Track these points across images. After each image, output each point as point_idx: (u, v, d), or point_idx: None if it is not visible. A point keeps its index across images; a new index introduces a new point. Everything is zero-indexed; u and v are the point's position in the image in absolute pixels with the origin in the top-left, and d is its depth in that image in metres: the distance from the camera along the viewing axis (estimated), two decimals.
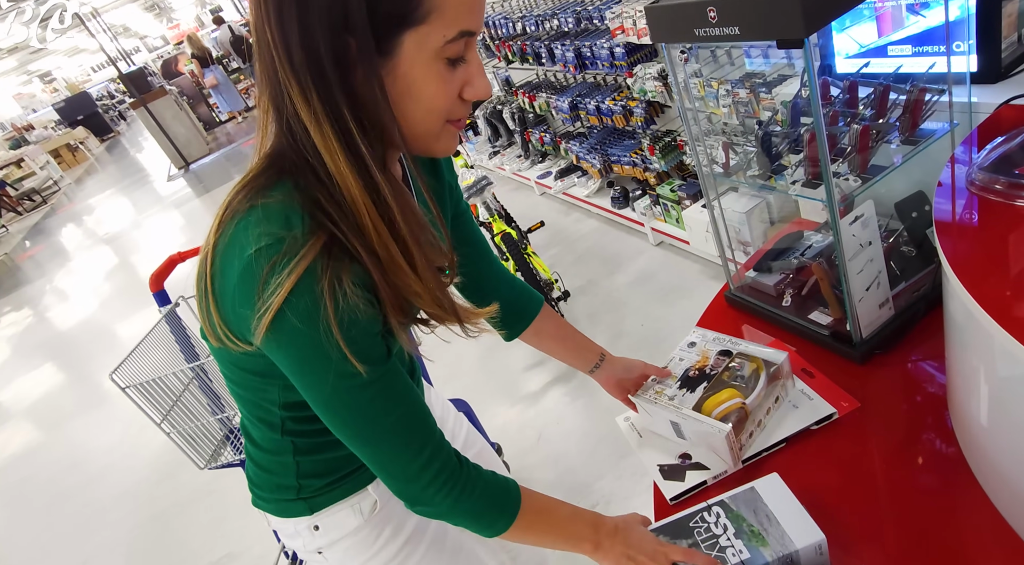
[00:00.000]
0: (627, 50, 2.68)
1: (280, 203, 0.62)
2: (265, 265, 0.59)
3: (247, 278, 0.60)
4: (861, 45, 1.16)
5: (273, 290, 0.59)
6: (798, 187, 1.04)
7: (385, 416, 0.68)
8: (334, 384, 0.65)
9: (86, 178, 13.34)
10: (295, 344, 0.62)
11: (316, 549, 0.89)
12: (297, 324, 0.60)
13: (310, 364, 0.64)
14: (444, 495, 0.72)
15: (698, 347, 1.11)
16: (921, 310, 1.02)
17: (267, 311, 0.59)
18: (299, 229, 0.60)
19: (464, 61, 0.64)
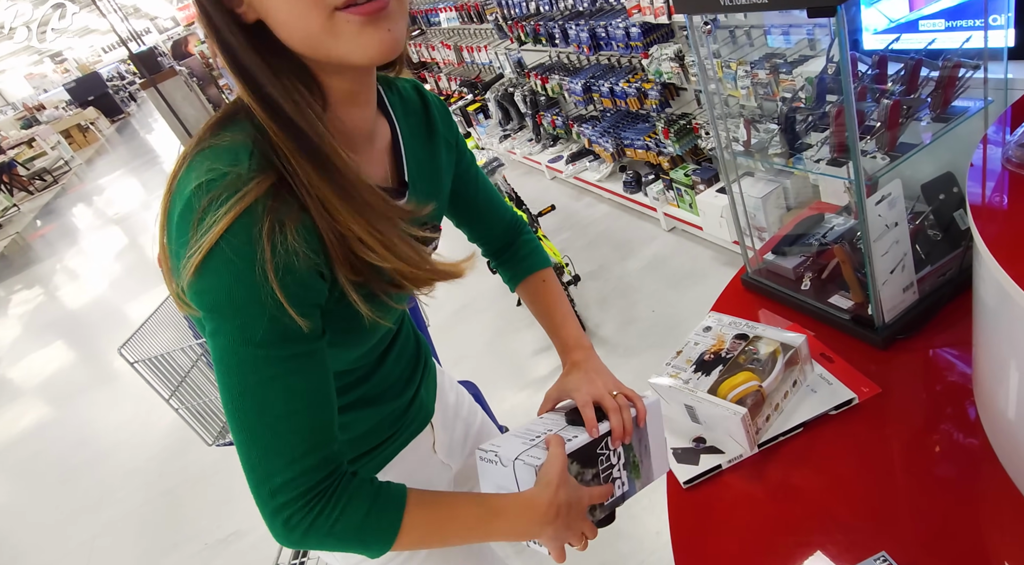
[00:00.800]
0: (643, 30, 2.63)
1: (231, 141, 0.58)
2: (205, 199, 0.54)
3: (185, 214, 0.55)
4: (891, 19, 1.12)
5: (207, 228, 0.53)
6: (822, 165, 1.00)
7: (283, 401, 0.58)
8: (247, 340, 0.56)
9: (96, 158, 13.39)
10: (216, 286, 0.55)
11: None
12: (226, 267, 0.54)
13: (228, 311, 0.55)
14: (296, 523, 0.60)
15: (713, 331, 1.08)
16: (947, 295, 0.99)
17: (197, 251, 0.53)
18: (245, 164, 0.56)
19: None
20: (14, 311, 6.18)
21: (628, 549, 1.71)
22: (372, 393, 0.83)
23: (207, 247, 0.53)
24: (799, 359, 0.96)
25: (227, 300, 0.55)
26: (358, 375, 0.80)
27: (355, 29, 0.55)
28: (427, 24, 5.22)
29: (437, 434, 0.95)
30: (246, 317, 0.56)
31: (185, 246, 0.55)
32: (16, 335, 5.54)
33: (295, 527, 0.60)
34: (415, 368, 0.92)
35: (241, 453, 0.60)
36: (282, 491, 0.59)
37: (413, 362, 0.92)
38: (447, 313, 2.99)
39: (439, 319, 2.85)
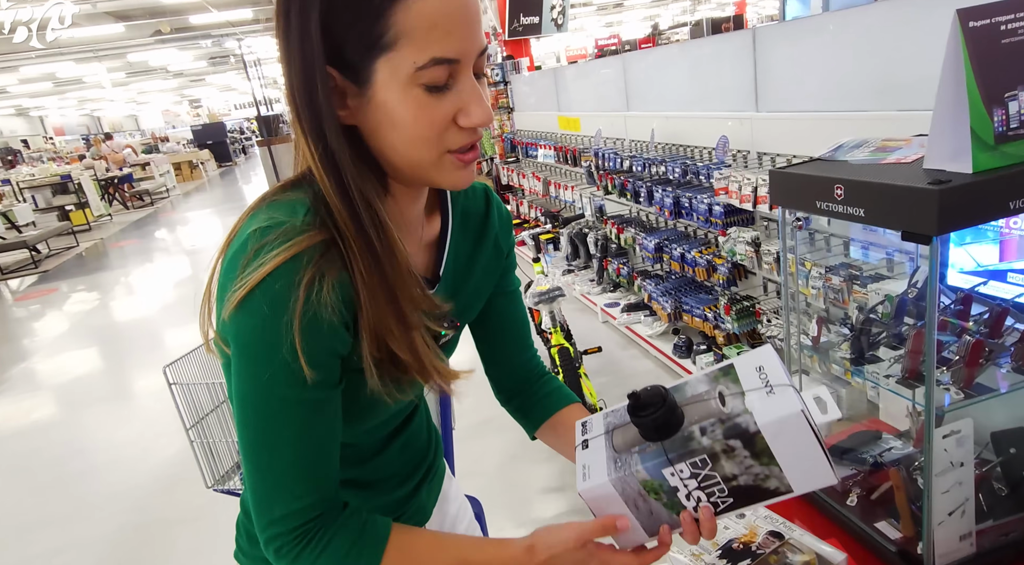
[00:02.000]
0: (726, 210, 2.75)
1: (291, 199, 0.64)
2: (258, 243, 0.59)
3: (238, 254, 0.60)
4: (979, 263, 1.15)
5: (255, 268, 0.58)
6: (891, 382, 0.99)
7: (295, 443, 0.63)
8: (268, 381, 0.60)
9: (194, 193, 14.46)
10: (250, 325, 0.59)
11: None
12: (263, 307, 0.58)
13: (256, 350, 0.60)
14: (285, 553, 0.65)
15: (747, 520, 1.03)
16: (1008, 558, 0.93)
17: (241, 287, 0.58)
18: (300, 217, 0.61)
19: (449, 88, 0.61)
20: (68, 308, 6.45)
21: None
22: (367, 478, 0.81)
23: (251, 285, 0.58)
24: None
25: (255, 339, 0.60)
26: (355, 455, 0.79)
27: (455, 167, 0.65)
28: (524, 155, 5.63)
29: None
30: (268, 358, 0.60)
31: (232, 282, 0.59)
32: (60, 332, 5.73)
33: (284, 556, 0.65)
34: (420, 465, 0.90)
35: (247, 478, 0.65)
36: (278, 523, 0.64)
37: (419, 459, 0.90)
38: (471, 422, 2.94)
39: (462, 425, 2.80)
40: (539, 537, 0.68)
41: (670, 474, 0.64)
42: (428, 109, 0.60)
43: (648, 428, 0.65)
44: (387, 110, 0.61)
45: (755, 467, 0.63)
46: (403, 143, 0.62)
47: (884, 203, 0.85)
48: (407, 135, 0.62)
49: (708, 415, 0.65)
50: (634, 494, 0.66)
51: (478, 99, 0.62)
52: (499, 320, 0.92)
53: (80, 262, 8.66)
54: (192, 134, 20.09)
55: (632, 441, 0.67)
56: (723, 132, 2.75)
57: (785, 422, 0.60)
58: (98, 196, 11.47)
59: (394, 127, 0.61)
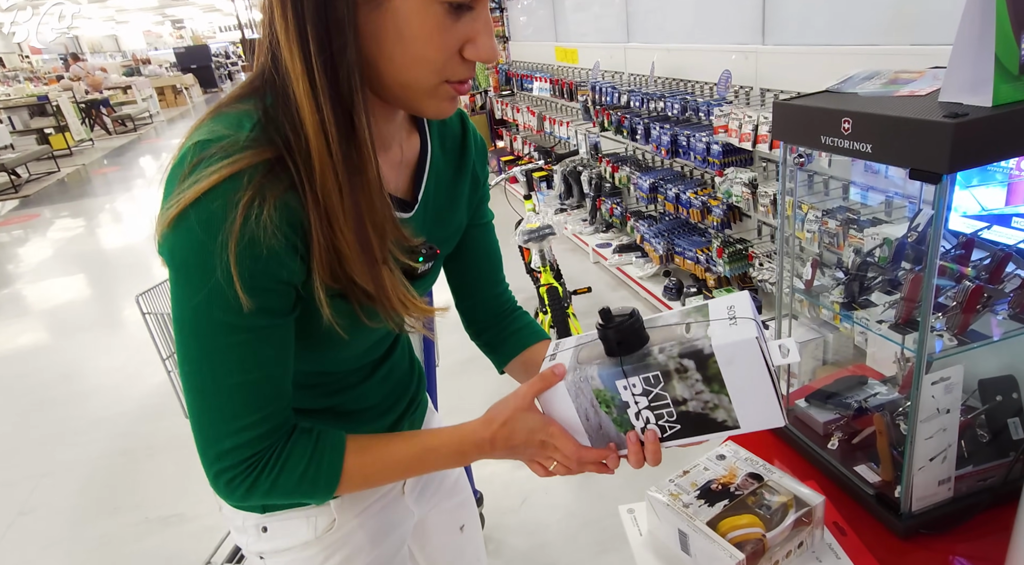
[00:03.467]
0: (724, 150, 2.67)
1: (238, 110, 0.58)
2: (196, 157, 0.54)
3: (176, 169, 0.55)
4: (984, 208, 1.10)
5: (190, 185, 0.53)
6: (883, 328, 0.97)
7: (239, 371, 0.58)
8: (203, 305, 0.55)
9: (179, 120, 14.01)
10: (183, 245, 0.55)
11: (258, 553, 0.81)
12: (196, 227, 0.53)
13: (189, 272, 0.55)
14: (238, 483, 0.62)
15: (727, 462, 1.03)
16: (984, 502, 0.92)
17: (175, 204, 0.53)
18: (245, 132, 0.56)
19: (471, 11, 0.57)
20: (52, 235, 6.34)
21: None
22: (346, 408, 0.80)
23: (184, 203, 0.53)
24: (812, 520, 0.90)
25: (188, 261, 0.55)
26: (334, 384, 0.78)
27: (446, 97, 0.61)
28: (520, 88, 5.43)
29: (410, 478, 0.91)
30: (202, 282, 0.55)
31: (168, 198, 0.55)
32: (44, 257, 5.65)
33: (236, 488, 0.62)
34: (402, 397, 0.89)
35: (191, 413, 0.61)
36: (227, 456, 0.61)
37: (401, 390, 0.88)
38: (457, 359, 2.94)
39: (447, 363, 2.80)
40: (492, 409, 0.70)
41: (623, 387, 0.66)
42: (444, 31, 0.56)
43: (611, 341, 0.66)
44: (399, 19, 0.55)
45: (705, 393, 0.65)
46: (404, 59, 0.57)
47: (893, 138, 0.80)
48: (412, 52, 0.56)
49: (670, 339, 0.65)
50: (586, 403, 0.69)
51: (490, 31, 0.58)
52: (472, 252, 0.88)
53: (62, 188, 8.46)
54: (175, 57, 19.27)
55: (596, 356, 0.69)
56: (726, 66, 2.63)
57: (738, 347, 0.61)
58: (78, 119, 11.08)
59: (400, 40, 0.56)
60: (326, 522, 0.80)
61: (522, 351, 0.90)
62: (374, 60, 0.57)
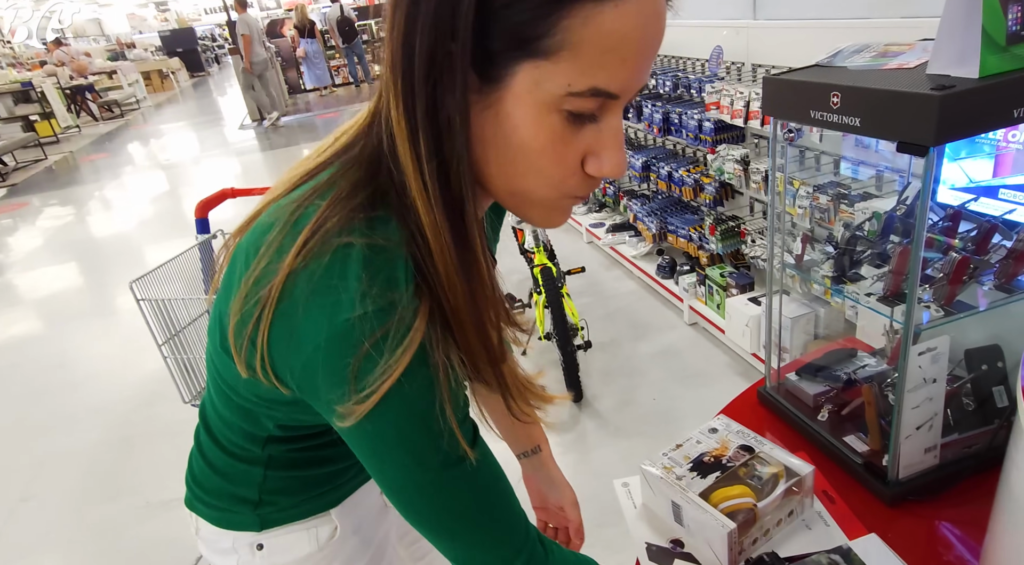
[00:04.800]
0: (716, 127, 2.67)
1: (386, 249, 0.49)
2: (368, 337, 0.47)
3: (341, 349, 0.47)
4: (971, 179, 1.11)
5: (382, 372, 0.47)
6: (871, 300, 0.98)
7: (478, 507, 0.56)
8: (438, 472, 0.53)
9: (166, 105, 13.83)
10: (399, 427, 0.50)
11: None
12: (408, 406, 0.49)
13: (414, 450, 0.51)
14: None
15: (719, 435, 1.04)
16: (968, 469, 0.95)
17: (372, 394, 0.48)
18: (402, 290, 0.49)
19: (595, 122, 0.49)
20: (42, 223, 6.28)
21: None
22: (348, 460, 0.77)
23: (384, 390, 0.48)
24: (802, 489, 0.92)
25: (406, 438, 0.51)
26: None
27: (561, 208, 0.55)
28: None
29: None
30: (425, 449, 0.52)
31: (340, 386, 0.48)
32: (35, 246, 5.60)
33: None
34: None
35: (445, 553, 0.59)
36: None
37: None
38: None
39: None
40: None
41: None
42: (562, 143, 0.49)
43: None
44: (509, 125, 0.48)
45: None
46: (513, 167, 0.51)
47: (881, 112, 0.80)
48: (524, 162, 0.50)
49: None
50: None
51: (618, 146, 0.50)
52: None
53: (50, 176, 8.37)
54: (160, 41, 18.93)
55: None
56: (718, 42, 2.62)
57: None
58: (63, 105, 10.92)
59: (508, 147, 0.49)
60: (328, 532, 0.76)
61: None
62: (481, 166, 0.51)
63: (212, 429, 0.72)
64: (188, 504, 0.79)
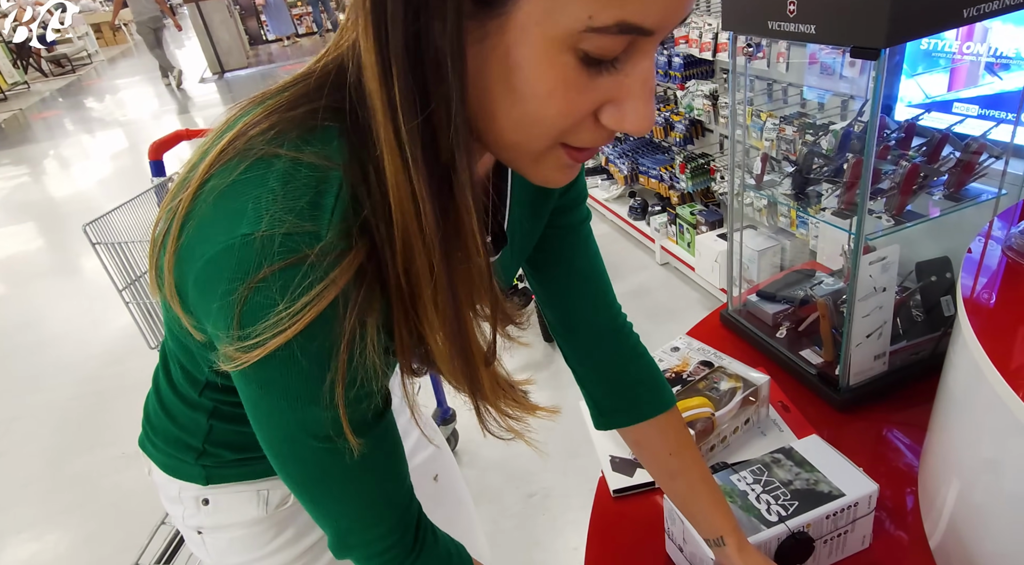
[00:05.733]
0: (685, 62, 2.63)
1: (318, 168, 0.40)
2: (267, 264, 0.38)
3: (232, 267, 0.39)
4: (927, 95, 1.12)
5: (275, 323, 0.39)
6: (826, 215, 0.99)
7: (352, 482, 0.50)
8: (309, 443, 0.47)
9: (120, 59, 13.19)
10: (285, 384, 0.43)
11: (196, 527, 0.72)
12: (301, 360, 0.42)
13: (292, 401, 0.44)
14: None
15: (681, 353, 1.07)
16: (914, 374, 0.99)
17: (258, 346, 0.40)
18: (325, 223, 0.39)
19: (616, 67, 0.38)
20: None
21: (541, 559, 1.69)
22: None
23: (275, 345, 0.40)
24: (757, 399, 0.95)
25: (283, 403, 0.45)
26: None
27: (560, 165, 0.44)
28: None
29: None
30: (305, 418, 0.45)
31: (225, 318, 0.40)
32: None
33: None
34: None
35: (310, 512, 0.53)
36: (355, 549, 0.53)
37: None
38: None
39: None
40: None
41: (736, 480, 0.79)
42: (574, 89, 0.38)
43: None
44: (511, 66, 0.37)
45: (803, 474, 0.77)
46: (512, 114, 0.40)
47: (834, 17, 0.79)
48: (525, 109, 0.39)
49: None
50: None
51: (648, 96, 0.39)
52: (566, 264, 0.69)
53: (0, 135, 8.00)
54: None
55: None
56: None
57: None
58: (8, 60, 10.35)
59: (510, 91, 0.38)
60: (279, 497, 0.70)
61: (638, 423, 0.72)
62: (474, 112, 0.40)
63: (168, 368, 0.68)
64: (141, 444, 0.76)
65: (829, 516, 0.71)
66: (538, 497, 1.83)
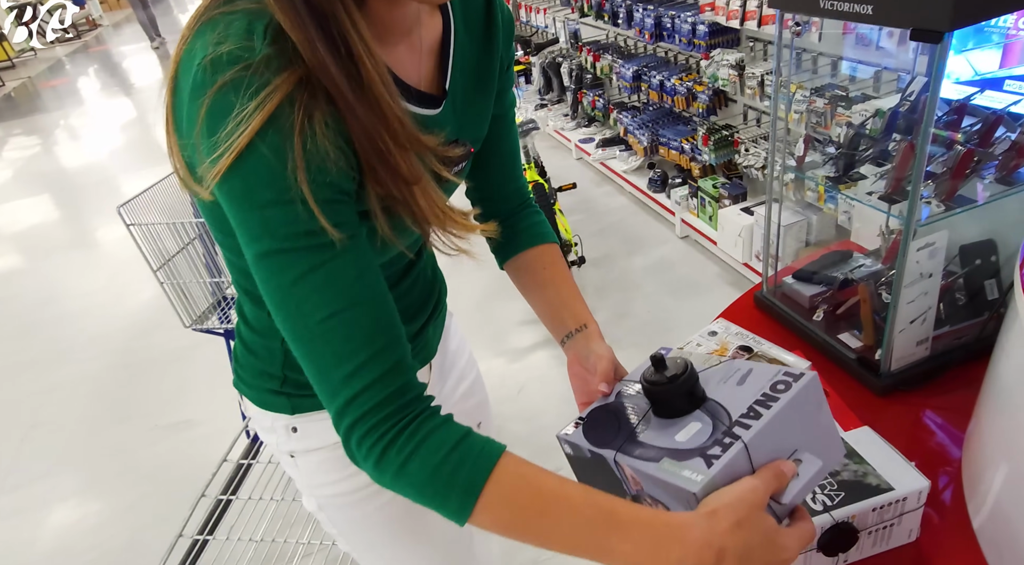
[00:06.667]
0: (710, 30, 2.56)
1: (248, 10, 0.50)
2: (220, 75, 0.48)
3: (196, 94, 0.49)
4: (977, 72, 1.09)
5: (237, 126, 0.47)
6: (873, 199, 0.98)
7: (327, 304, 0.52)
8: (282, 242, 0.51)
9: (124, 25, 13.00)
10: (258, 179, 0.49)
11: (289, 451, 0.80)
12: (268, 156, 0.48)
13: (265, 205, 0.50)
14: (371, 444, 0.53)
15: (719, 337, 1.07)
16: (957, 359, 0.98)
17: (228, 152, 0.48)
18: (260, 43, 0.49)
19: None
20: (8, 155, 6.05)
21: None
22: None
23: (240, 148, 0.48)
24: None
25: (258, 198, 0.50)
26: None
27: None
28: None
29: (433, 376, 0.91)
30: (279, 216, 0.50)
31: (204, 136, 0.49)
32: (5, 179, 5.42)
33: (367, 455, 0.53)
34: (427, 302, 0.86)
35: (304, 368, 0.55)
36: (348, 411, 0.53)
37: (426, 295, 0.86)
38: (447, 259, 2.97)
39: None
40: (715, 499, 0.49)
41: None
42: None
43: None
44: None
45: None
46: None
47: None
48: None
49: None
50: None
51: None
52: (493, 145, 0.80)
53: (11, 104, 7.98)
54: None
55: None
56: None
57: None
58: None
59: None
60: None
61: (524, 251, 0.85)
62: None
63: (241, 306, 0.76)
64: (235, 384, 0.82)
65: (876, 509, 0.72)
66: (564, 471, 1.87)
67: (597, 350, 0.75)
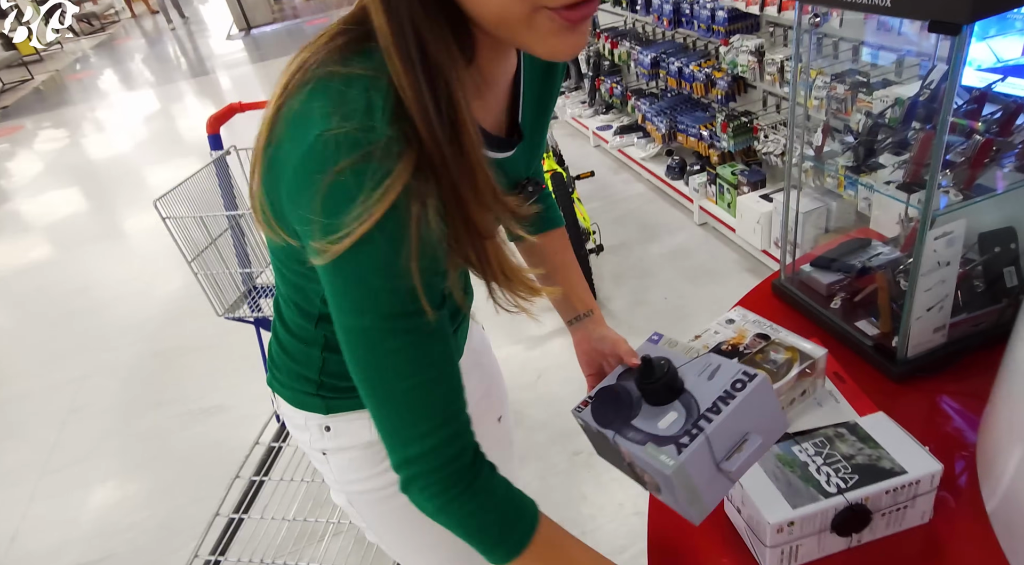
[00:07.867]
0: (730, 16, 2.55)
1: (364, 77, 0.49)
2: (343, 157, 0.47)
3: (312, 164, 0.48)
4: (999, 59, 1.08)
5: (359, 214, 0.47)
6: (891, 188, 0.99)
7: (415, 374, 0.55)
8: (382, 321, 0.53)
9: (146, 16, 13.15)
10: (372, 266, 0.50)
11: (321, 449, 0.83)
12: (383, 247, 0.49)
13: (373, 289, 0.52)
14: (432, 494, 0.58)
15: (736, 325, 1.09)
16: (974, 346, 0.99)
17: (346, 236, 0.48)
18: (379, 125, 0.48)
19: None
20: (40, 147, 6.20)
21: (589, 513, 1.77)
22: None
23: (358, 236, 0.48)
24: (814, 371, 0.97)
25: (369, 282, 0.52)
26: None
27: (554, 29, 0.48)
28: None
29: None
30: (384, 296, 0.52)
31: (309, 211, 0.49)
32: (37, 171, 5.56)
33: (428, 501, 0.59)
34: (458, 311, 0.87)
35: (376, 421, 0.58)
36: (415, 463, 0.58)
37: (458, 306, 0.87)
38: None
39: None
40: None
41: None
42: None
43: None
44: None
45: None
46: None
47: None
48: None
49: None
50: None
51: None
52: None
53: (40, 97, 8.15)
54: None
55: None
56: None
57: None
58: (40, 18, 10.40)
59: None
60: None
61: (536, 235, 0.89)
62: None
63: (281, 310, 0.77)
64: (269, 383, 0.85)
65: (889, 491, 0.74)
66: (584, 455, 1.90)
67: (609, 335, 0.88)
